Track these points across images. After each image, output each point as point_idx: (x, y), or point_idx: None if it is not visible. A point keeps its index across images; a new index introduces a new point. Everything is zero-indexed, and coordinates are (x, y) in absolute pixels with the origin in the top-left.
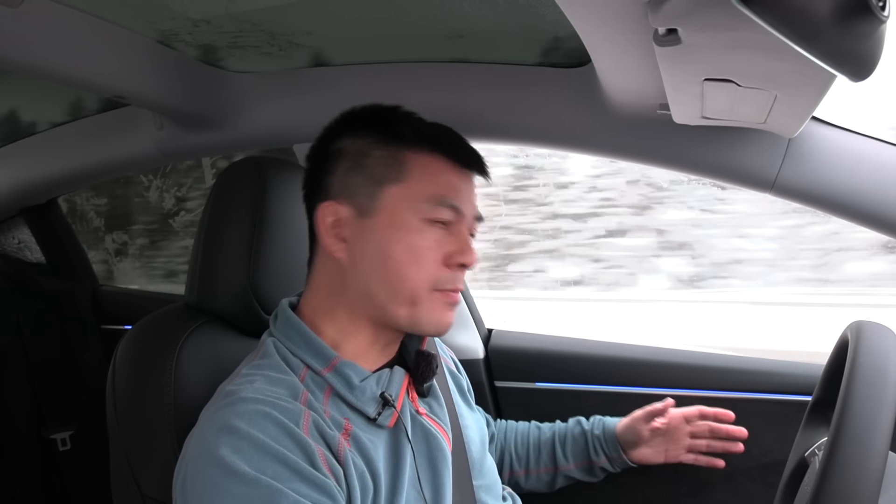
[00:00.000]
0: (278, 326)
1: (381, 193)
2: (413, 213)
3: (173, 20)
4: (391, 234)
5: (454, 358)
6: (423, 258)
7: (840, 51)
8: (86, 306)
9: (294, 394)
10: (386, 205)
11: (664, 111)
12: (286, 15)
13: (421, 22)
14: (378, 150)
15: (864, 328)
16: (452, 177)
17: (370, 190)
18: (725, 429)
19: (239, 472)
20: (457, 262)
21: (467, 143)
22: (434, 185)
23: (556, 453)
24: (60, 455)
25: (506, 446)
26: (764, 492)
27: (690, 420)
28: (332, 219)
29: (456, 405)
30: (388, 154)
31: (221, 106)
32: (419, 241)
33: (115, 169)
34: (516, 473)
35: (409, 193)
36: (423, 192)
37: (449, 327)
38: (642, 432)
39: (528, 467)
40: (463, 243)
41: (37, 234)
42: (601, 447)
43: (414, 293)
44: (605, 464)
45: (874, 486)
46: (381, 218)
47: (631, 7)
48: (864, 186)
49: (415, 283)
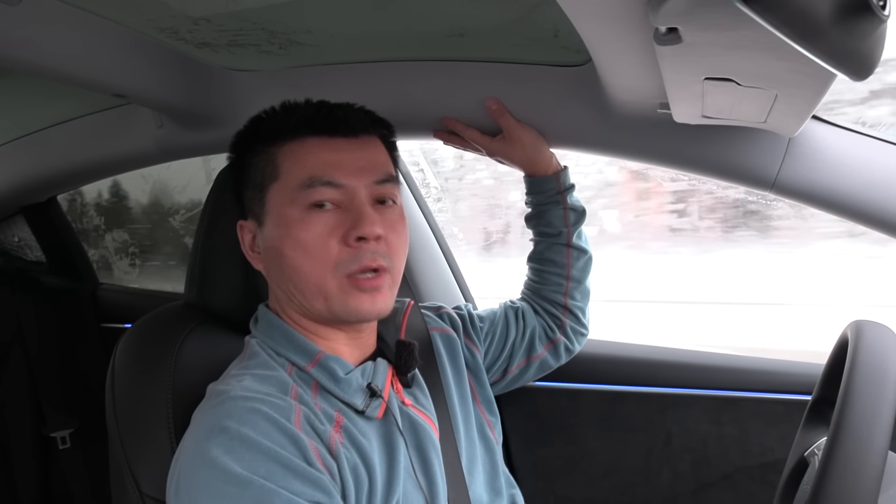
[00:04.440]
0: (260, 328)
1: (265, 198)
2: (292, 206)
3: (173, 18)
4: (279, 234)
5: (448, 312)
6: (314, 248)
7: (840, 50)
8: (86, 305)
9: (283, 389)
10: (271, 207)
11: (664, 110)
12: (286, 13)
13: (421, 20)
14: (256, 158)
15: (864, 327)
16: (324, 153)
17: (258, 198)
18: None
19: (231, 472)
20: (354, 238)
21: (340, 109)
22: (303, 169)
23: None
24: (60, 453)
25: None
26: (763, 491)
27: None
28: (249, 236)
29: (446, 389)
30: (264, 158)
31: (221, 104)
32: (302, 233)
33: (114, 167)
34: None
35: (285, 188)
36: (295, 181)
37: (372, 313)
38: (504, 145)
39: (545, 294)
40: (356, 216)
41: (37, 232)
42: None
43: (319, 286)
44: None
45: (874, 486)
46: (269, 222)
47: (632, 6)
48: (864, 185)
49: (314, 276)
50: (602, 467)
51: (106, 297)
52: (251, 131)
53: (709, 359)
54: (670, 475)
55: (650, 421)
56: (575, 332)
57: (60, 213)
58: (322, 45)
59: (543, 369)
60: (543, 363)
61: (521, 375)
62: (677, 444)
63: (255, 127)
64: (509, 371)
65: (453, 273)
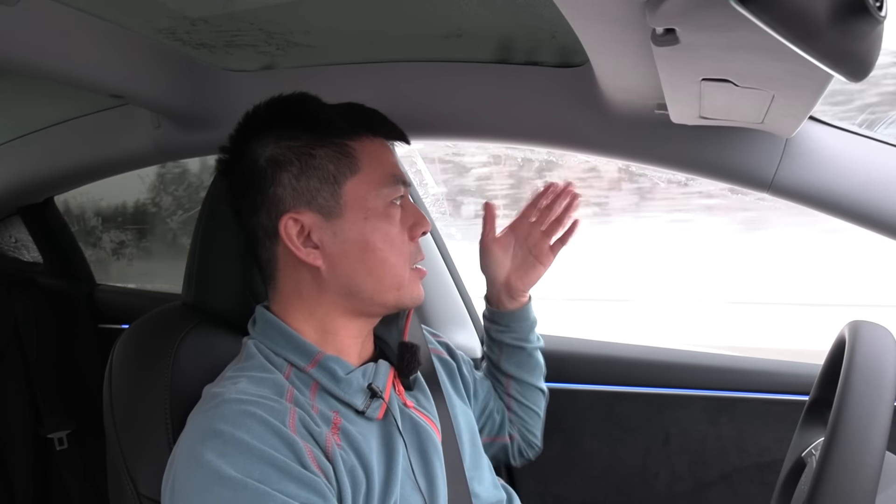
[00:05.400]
0: (258, 329)
1: (341, 191)
2: (379, 200)
3: (171, 19)
4: (366, 227)
5: (447, 343)
6: (398, 241)
7: (837, 51)
8: (83, 305)
9: (279, 391)
10: (350, 200)
11: (662, 111)
12: (284, 14)
13: (419, 21)
14: (321, 149)
15: (861, 328)
16: (389, 153)
17: (329, 190)
18: (556, 192)
19: (225, 475)
20: (418, 233)
21: (382, 115)
22: (383, 167)
23: (495, 368)
24: (57, 454)
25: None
26: (761, 491)
27: (529, 216)
28: (297, 229)
29: (447, 395)
30: (334, 149)
31: (218, 105)
32: (391, 227)
33: (112, 168)
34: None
35: (367, 182)
36: (379, 177)
37: (422, 297)
38: (496, 253)
39: (496, 390)
40: (417, 213)
41: (34, 232)
42: (498, 324)
43: (399, 278)
44: (510, 333)
45: (871, 486)
46: (350, 214)
47: (629, 7)
48: (861, 186)
49: (398, 267)
50: (600, 468)
51: (103, 297)
52: (305, 119)
53: (707, 359)
54: (668, 475)
55: (648, 421)
56: (526, 444)
57: (57, 213)
58: (319, 45)
59: (499, 458)
60: (503, 450)
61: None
62: (675, 445)
63: (311, 117)
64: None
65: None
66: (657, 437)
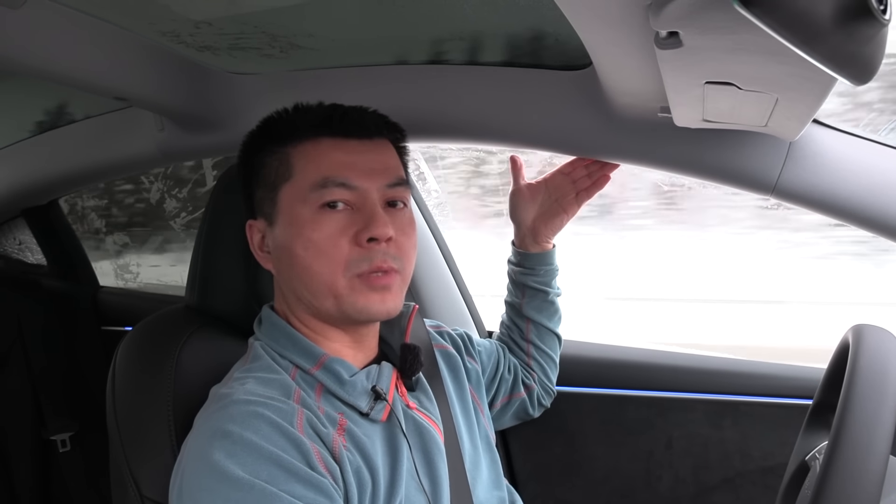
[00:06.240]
0: (263, 330)
1: (277, 197)
2: (305, 206)
3: (174, 22)
4: (290, 234)
5: (450, 332)
6: (325, 248)
7: (841, 54)
8: (86, 308)
9: (286, 392)
10: (282, 207)
11: (665, 114)
12: (287, 17)
13: (422, 24)
14: (269, 157)
15: (865, 331)
16: (338, 154)
17: (270, 197)
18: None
19: (233, 476)
20: (364, 238)
21: (355, 111)
22: (317, 170)
23: (515, 314)
24: (60, 456)
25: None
26: (764, 495)
27: (566, 172)
28: (258, 236)
29: (448, 396)
30: (277, 157)
31: (222, 107)
32: (314, 233)
33: (116, 170)
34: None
35: (297, 187)
36: (309, 181)
37: (382, 312)
38: (525, 199)
39: (513, 339)
40: (368, 217)
41: (38, 235)
42: (523, 266)
43: (330, 286)
44: (533, 276)
45: (874, 490)
46: (281, 221)
47: (632, 10)
48: (865, 190)
49: (326, 275)
50: (602, 471)
51: (106, 299)
52: (264, 131)
53: (710, 363)
54: (671, 479)
55: (651, 425)
56: (543, 391)
57: (61, 215)
58: (323, 48)
59: (520, 415)
60: (522, 406)
61: (502, 413)
62: (678, 449)
63: (269, 127)
64: (493, 406)
65: (456, 281)
66: (660, 441)
